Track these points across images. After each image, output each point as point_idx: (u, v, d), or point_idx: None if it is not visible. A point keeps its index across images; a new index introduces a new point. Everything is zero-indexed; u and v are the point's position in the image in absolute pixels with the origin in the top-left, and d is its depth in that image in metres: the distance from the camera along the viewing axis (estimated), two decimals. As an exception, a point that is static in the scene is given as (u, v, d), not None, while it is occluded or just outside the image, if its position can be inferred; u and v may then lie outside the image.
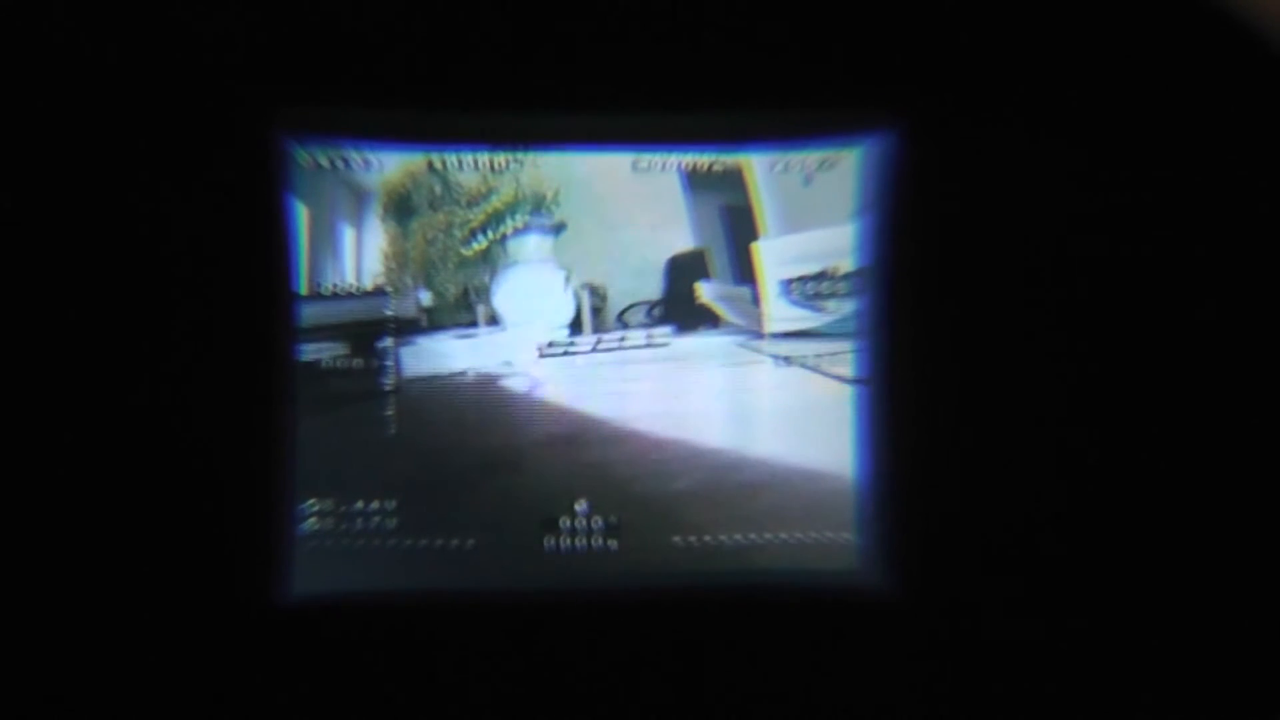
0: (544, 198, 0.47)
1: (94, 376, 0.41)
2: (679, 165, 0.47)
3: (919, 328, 0.45)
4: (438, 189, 0.47)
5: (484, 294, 0.48)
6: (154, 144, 0.42)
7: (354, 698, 0.43)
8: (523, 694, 0.44)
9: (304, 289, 0.45)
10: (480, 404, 0.47)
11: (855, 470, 0.47)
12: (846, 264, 0.47)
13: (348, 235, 0.46)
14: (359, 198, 0.46)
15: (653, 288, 0.48)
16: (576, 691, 0.44)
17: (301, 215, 0.45)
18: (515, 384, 0.47)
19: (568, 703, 0.44)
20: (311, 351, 0.45)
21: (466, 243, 0.47)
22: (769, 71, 0.44)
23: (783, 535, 0.47)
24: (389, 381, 0.46)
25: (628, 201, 0.47)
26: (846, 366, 0.47)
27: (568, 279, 0.48)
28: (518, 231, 0.47)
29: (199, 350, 0.42)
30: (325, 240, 0.46)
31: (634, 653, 0.45)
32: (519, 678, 0.44)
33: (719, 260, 0.48)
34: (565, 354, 0.48)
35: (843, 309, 0.47)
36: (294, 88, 0.43)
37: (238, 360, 0.43)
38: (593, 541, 0.46)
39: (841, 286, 0.47)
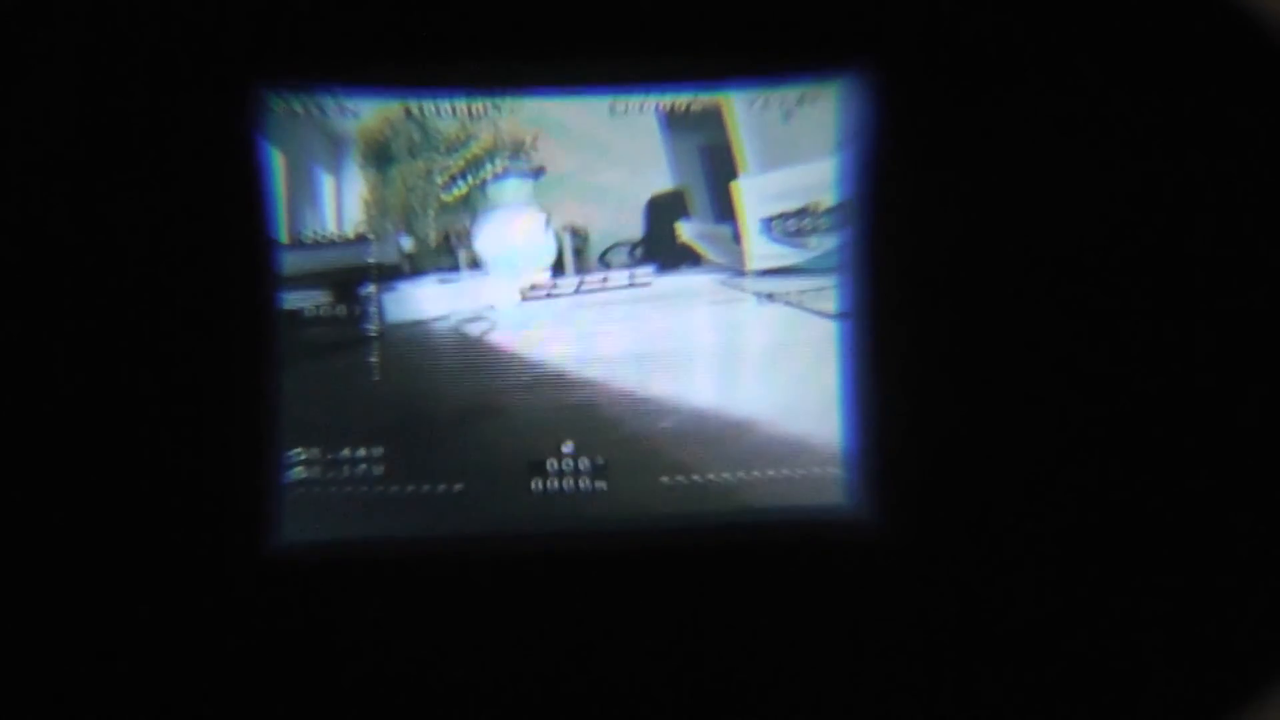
0: (523, 142, 0.47)
1: (72, 331, 0.41)
2: (657, 106, 0.47)
3: (902, 261, 0.45)
4: (416, 136, 0.47)
5: (465, 239, 0.47)
6: (125, 93, 0.41)
7: (344, 644, 0.43)
8: (512, 637, 0.44)
9: (284, 237, 0.45)
10: (464, 348, 0.47)
11: (840, 405, 0.47)
12: (828, 199, 0.47)
13: (327, 182, 0.46)
14: (337, 145, 0.46)
15: (634, 228, 0.48)
16: (567, 633, 0.44)
17: (278, 162, 0.45)
18: (499, 327, 0.47)
19: (558, 644, 0.44)
20: (293, 300, 0.45)
21: (447, 188, 0.47)
22: (745, 9, 0.43)
23: (770, 472, 0.47)
24: (372, 328, 0.46)
25: (606, 144, 0.47)
26: (830, 302, 0.47)
27: (548, 222, 0.47)
28: (497, 176, 0.47)
29: (179, 301, 0.42)
30: (304, 188, 0.46)
31: (624, 593, 0.45)
32: (509, 621, 0.44)
33: (699, 199, 0.48)
34: (548, 296, 0.48)
35: (825, 244, 0.47)
36: (267, 34, 0.43)
37: (219, 310, 0.43)
38: (580, 483, 0.46)
39: (823, 222, 0.47)
